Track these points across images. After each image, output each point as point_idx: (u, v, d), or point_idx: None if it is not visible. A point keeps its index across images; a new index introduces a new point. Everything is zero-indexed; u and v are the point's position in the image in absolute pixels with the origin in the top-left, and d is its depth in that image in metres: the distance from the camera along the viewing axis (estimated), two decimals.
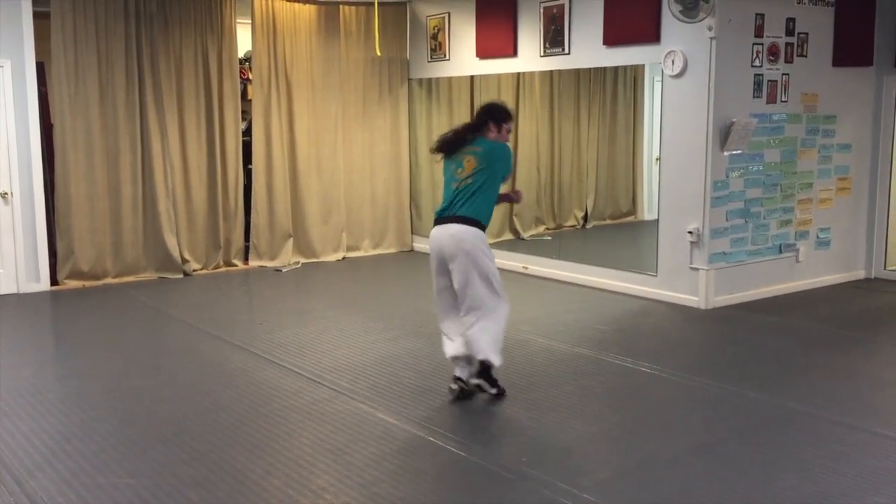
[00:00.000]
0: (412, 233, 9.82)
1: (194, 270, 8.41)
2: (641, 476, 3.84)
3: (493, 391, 4.80)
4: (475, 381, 4.79)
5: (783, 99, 7.16)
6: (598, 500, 3.55)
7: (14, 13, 7.31)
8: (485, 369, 4.77)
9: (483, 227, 4.67)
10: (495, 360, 4.71)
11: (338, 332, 6.30)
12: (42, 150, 7.59)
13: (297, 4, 8.81)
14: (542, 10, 7.92)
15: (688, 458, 4.02)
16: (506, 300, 4.75)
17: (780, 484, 3.71)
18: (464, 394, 4.79)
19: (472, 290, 4.60)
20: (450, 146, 4.76)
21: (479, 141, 4.73)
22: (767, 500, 3.57)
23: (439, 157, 4.87)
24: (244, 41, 8.85)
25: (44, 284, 7.67)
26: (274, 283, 8.15)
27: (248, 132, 8.85)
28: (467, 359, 4.77)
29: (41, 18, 7.51)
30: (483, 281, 4.61)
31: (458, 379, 4.80)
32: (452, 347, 4.77)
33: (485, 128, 4.77)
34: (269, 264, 8.83)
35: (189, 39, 8.21)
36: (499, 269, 4.80)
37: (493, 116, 4.79)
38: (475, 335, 4.63)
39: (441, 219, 4.70)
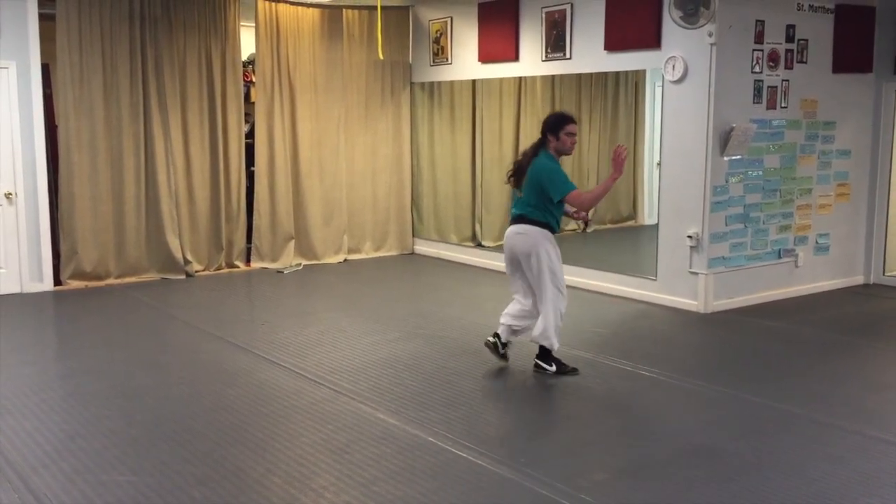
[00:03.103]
0: (413, 236, 9.86)
1: (196, 271, 8.45)
2: (638, 477, 3.87)
3: (550, 369, 5.28)
4: (534, 363, 5.35)
5: (783, 105, 7.20)
6: (595, 501, 3.59)
7: (19, 15, 7.36)
8: (542, 351, 5.31)
9: (548, 227, 5.17)
10: (549, 343, 5.23)
11: (339, 333, 6.34)
12: (46, 151, 7.65)
13: (300, 8, 8.86)
14: (543, 15, 7.97)
15: (684, 461, 4.05)
16: (562, 291, 5.20)
17: (775, 486, 3.75)
18: (495, 347, 5.43)
19: (532, 277, 5.21)
20: (517, 175, 5.27)
21: (535, 160, 5.17)
22: (763, 502, 3.61)
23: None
24: (248, 44, 8.90)
25: (47, 284, 7.71)
26: (275, 284, 8.19)
27: (250, 134, 8.90)
28: (509, 328, 5.42)
29: (46, 20, 7.55)
30: (540, 271, 5.15)
31: (495, 334, 5.45)
32: (503, 317, 5.43)
33: (546, 141, 5.18)
34: (271, 266, 8.87)
35: (193, 42, 8.27)
36: (499, 272, 4.85)
37: (547, 127, 5.18)
38: (542, 316, 5.22)
39: (510, 220, 5.35)
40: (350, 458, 4.03)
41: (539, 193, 5.13)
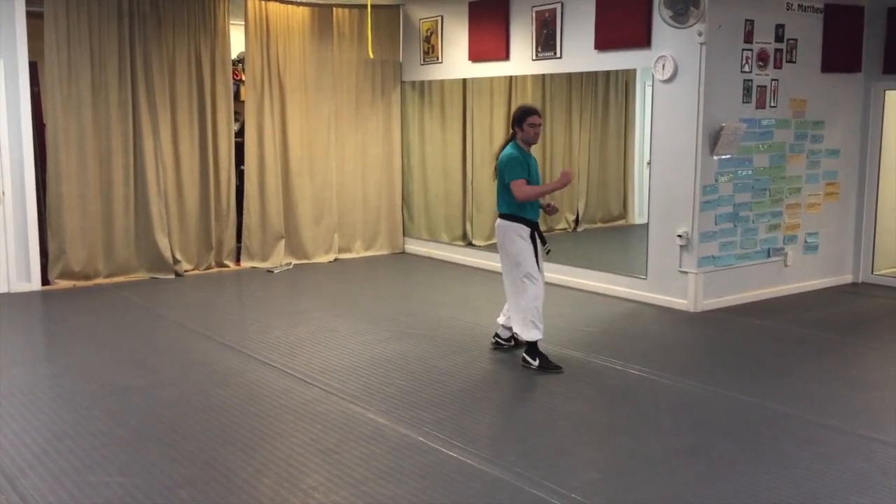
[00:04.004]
0: (404, 235, 9.84)
1: (186, 271, 8.41)
2: (629, 477, 3.88)
3: (534, 364, 5.41)
4: (521, 356, 5.52)
5: (772, 104, 7.22)
6: (585, 500, 3.59)
7: (7, 13, 7.31)
8: (528, 345, 5.49)
9: (517, 219, 5.43)
10: (525, 336, 5.42)
11: (329, 333, 6.33)
12: (34, 150, 7.60)
13: (290, 6, 8.84)
14: (534, 14, 7.96)
15: (675, 460, 4.06)
16: (534, 281, 5.39)
17: (766, 485, 3.75)
18: (497, 346, 5.85)
19: (503, 272, 5.57)
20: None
21: (501, 152, 5.50)
22: (753, 501, 3.61)
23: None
24: (237, 42, 8.87)
25: (35, 284, 7.66)
26: (265, 284, 8.17)
27: (240, 133, 8.87)
28: (502, 326, 5.81)
29: (34, 18, 7.51)
30: (508, 266, 5.49)
31: (496, 334, 5.88)
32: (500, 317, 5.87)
33: (514, 134, 5.49)
34: (261, 265, 8.85)
35: (182, 40, 8.23)
36: (489, 271, 4.88)
37: (513, 120, 5.50)
38: (510, 313, 5.59)
39: None
40: (340, 458, 4.02)
41: (503, 183, 5.45)
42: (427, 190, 9.72)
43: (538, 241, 5.53)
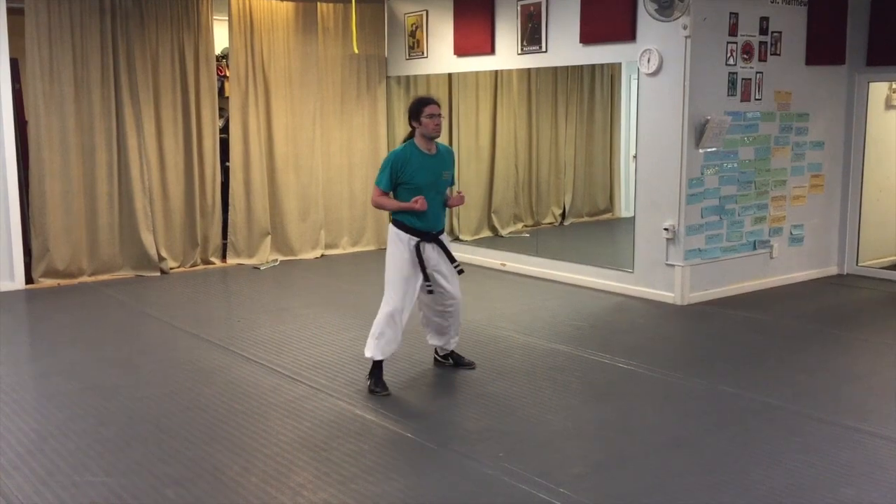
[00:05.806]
0: None
1: (171, 268, 8.36)
2: (616, 470, 3.88)
3: (368, 382, 4.94)
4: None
5: (757, 97, 7.24)
6: (573, 495, 3.59)
7: None
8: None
9: (396, 223, 4.95)
10: (367, 351, 4.96)
11: (316, 329, 6.30)
12: (16, 148, 7.53)
13: (274, 1, 8.79)
14: (519, 8, 7.95)
15: (662, 453, 4.07)
16: (389, 296, 4.95)
17: (753, 477, 3.77)
18: (445, 362, 5.39)
19: None
20: None
21: None
22: (740, 493, 3.63)
23: None
24: (221, 38, 8.81)
25: (18, 283, 7.60)
26: (252, 280, 8.13)
27: (225, 129, 8.82)
28: (435, 336, 5.32)
29: (15, 14, 7.43)
30: None
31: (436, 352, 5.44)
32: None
33: (413, 131, 4.93)
34: (247, 262, 8.80)
35: (165, 36, 8.17)
36: (477, 266, 4.85)
37: (409, 116, 4.90)
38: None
39: None
40: (328, 455, 4.00)
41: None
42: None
43: (426, 254, 4.91)
